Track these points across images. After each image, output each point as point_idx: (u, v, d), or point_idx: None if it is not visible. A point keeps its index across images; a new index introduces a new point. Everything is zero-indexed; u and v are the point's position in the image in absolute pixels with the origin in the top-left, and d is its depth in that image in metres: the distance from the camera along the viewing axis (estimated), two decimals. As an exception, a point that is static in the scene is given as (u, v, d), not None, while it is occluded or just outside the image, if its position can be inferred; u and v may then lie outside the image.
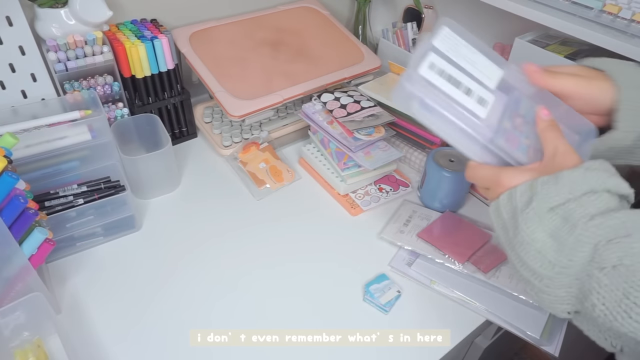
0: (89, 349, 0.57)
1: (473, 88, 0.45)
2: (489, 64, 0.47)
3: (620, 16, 0.68)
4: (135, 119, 0.79)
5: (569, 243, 0.38)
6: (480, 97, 0.45)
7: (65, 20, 0.72)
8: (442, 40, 0.46)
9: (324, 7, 1.03)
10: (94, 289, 0.64)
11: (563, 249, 0.38)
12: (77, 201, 0.68)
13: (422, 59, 0.44)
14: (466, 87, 0.45)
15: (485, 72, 0.46)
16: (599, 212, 0.37)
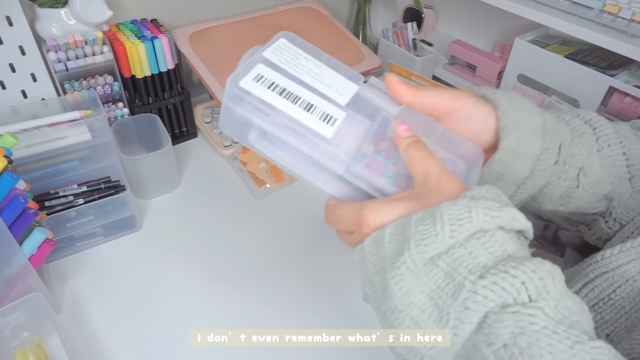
0: (89, 349, 0.57)
1: (316, 103, 0.36)
2: (339, 79, 0.39)
3: (621, 16, 0.68)
4: (135, 119, 0.79)
5: (454, 311, 0.28)
6: (325, 113, 0.36)
7: (65, 20, 0.72)
8: (276, 51, 0.38)
9: (324, 7, 1.03)
10: (94, 289, 0.64)
11: (446, 318, 0.29)
12: (77, 201, 0.68)
13: (246, 72, 0.37)
14: (306, 102, 0.36)
15: (334, 87, 0.38)
16: (492, 263, 0.28)
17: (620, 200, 0.42)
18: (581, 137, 0.41)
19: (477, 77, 1.00)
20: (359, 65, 0.94)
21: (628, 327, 0.39)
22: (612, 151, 0.41)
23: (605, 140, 0.42)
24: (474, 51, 0.99)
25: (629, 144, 0.42)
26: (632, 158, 0.42)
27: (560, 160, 0.40)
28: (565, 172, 0.40)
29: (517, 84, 0.87)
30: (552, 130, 0.40)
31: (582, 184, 0.41)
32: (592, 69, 0.75)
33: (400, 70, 0.97)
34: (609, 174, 0.41)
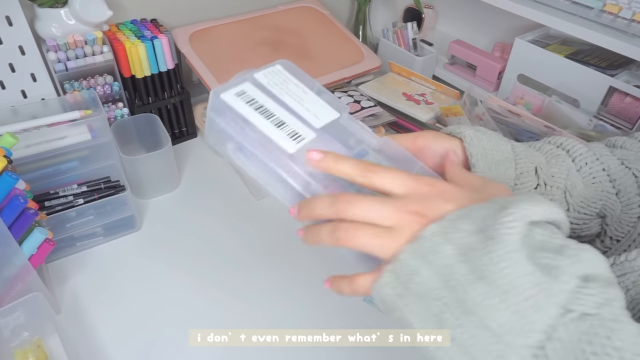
0: (89, 349, 0.57)
1: (288, 121, 0.36)
2: (322, 105, 0.38)
3: (621, 16, 0.68)
4: (135, 119, 0.79)
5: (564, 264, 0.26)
6: (294, 131, 0.36)
7: (65, 20, 0.72)
8: (268, 74, 0.39)
9: (324, 6, 1.03)
10: (94, 289, 0.64)
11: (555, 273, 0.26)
12: (77, 201, 0.68)
13: (231, 87, 0.37)
14: (279, 119, 0.36)
15: (312, 111, 0.38)
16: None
17: (613, 216, 0.41)
18: (556, 158, 0.41)
19: (477, 77, 1.00)
20: (359, 65, 0.94)
21: None
22: (591, 169, 0.41)
23: (582, 159, 0.41)
24: (474, 51, 0.99)
25: (606, 160, 0.42)
26: (613, 174, 0.41)
27: (540, 183, 0.39)
28: (550, 194, 0.40)
29: (517, 84, 0.87)
30: (523, 155, 0.39)
31: (570, 205, 0.40)
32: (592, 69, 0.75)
33: (400, 70, 0.97)
34: (596, 191, 0.41)
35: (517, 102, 0.88)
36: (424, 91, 0.92)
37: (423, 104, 0.88)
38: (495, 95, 0.93)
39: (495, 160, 0.38)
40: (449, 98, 0.90)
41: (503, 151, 0.39)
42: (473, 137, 0.38)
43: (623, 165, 0.42)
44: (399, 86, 0.93)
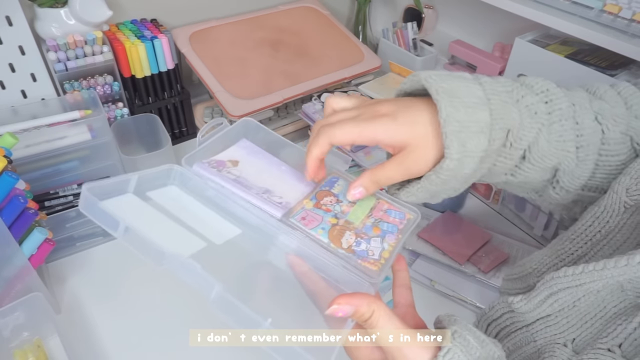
0: (89, 349, 0.57)
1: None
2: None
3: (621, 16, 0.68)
4: (135, 119, 0.79)
5: None
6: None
7: (65, 20, 0.72)
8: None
9: (324, 7, 1.03)
10: (94, 289, 0.64)
11: None
12: (77, 201, 0.68)
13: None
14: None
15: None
16: None
17: (566, 170, 0.42)
18: (532, 118, 0.40)
19: (477, 77, 1.00)
20: (359, 65, 0.94)
21: (593, 333, 0.39)
22: (562, 126, 0.41)
23: (558, 115, 0.41)
24: (474, 51, 0.99)
25: (582, 114, 0.42)
26: (582, 129, 0.42)
27: (507, 144, 0.39)
28: (512, 153, 0.40)
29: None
30: (499, 118, 0.38)
31: (527, 157, 0.41)
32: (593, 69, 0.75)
33: (401, 70, 0.97)
34: (556, 148, 0.41)
35: (517, 102, 0.88)
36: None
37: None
38: (495, 95, 0.92)
39: (470, 133, 0.37)
40: (449, 98, 0.90)
41: (479, 121, 0.37)
42: (449, 113, 0.36)
43: (596, 120, 0.42)
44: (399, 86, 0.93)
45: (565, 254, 0.45)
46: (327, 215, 0.43)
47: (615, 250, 0.42)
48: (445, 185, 0.38)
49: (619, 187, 0.41)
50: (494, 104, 0.38)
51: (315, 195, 0.45)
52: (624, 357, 0.35)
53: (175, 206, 0.44)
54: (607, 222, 0.42)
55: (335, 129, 0.39)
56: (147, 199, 0.43)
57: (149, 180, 0.44)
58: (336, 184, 0.46)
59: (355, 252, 0.41)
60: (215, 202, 0.44)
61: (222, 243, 0.42)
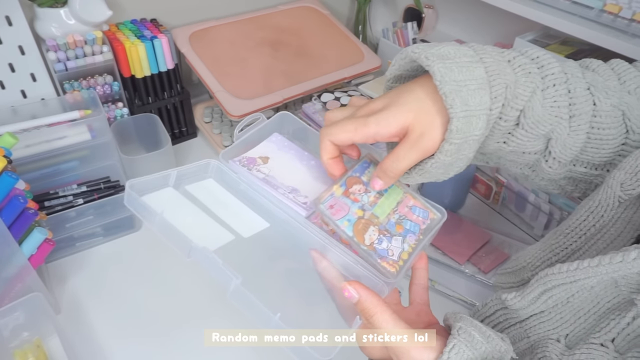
0: (89, 349, 0.57)
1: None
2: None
3: (621, 16, 0.68)
4: (135, 119, 0.79)
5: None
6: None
7: (65, 20, 0.72)
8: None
9: (324, 6, 1.03)
10: (94, 289, 0.64)
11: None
12: (76, 201, 0.68)
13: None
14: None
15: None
16: None
17: (558, 139, 0.42)
18: (527, 77, 0.40)
19: (477, 77, 1.00)
20: (359, 65, 0.94)
21: (586, 328, 0.39)
22: (556, 91, 0.41)
23: (551, 80, 0.41)
24: (474, 51, 0.99)
25: (574, 82, 0.42)
26: (575, 97, 0.41)
27: (505, 104, 0.39)
28: (507, 113, 0.40)
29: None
30: (496, 75, 0.38)
31: (522, 123, 0.40)
32: (593, 69, 0.75)
33: (400, 70, 0.97)
34: (551, 115, 0.41)
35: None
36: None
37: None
38: (495, 95, 0.93)
39: (470, 91, 0.36)
40: (449, 98, 0.90)
41: (477, 78, 0.37)
42: (444, 74, 0.36)
43: (589, 90, 0.42)
44: (399, 86, 0.93)
45: (560, 248, 0.45)
46: (354, 205, 0.44)
47: (609, 245, 0.42)
48: (458, 152, 0.38)
49: (614, 181, 0.41)
50: (487, 61, 0.38)
51: (345, 181, 0.45)
52: (616, 352, 0.36)
53: (210, 199, 0.46)
54: (602, 217, 0.42)
55: (332, 128, 0.40)
56: (185, 193, 0.46)
57: (189, 174, 0.47)
58: (367, 170, 0.46)
59: (376, 249, 0.42)
60: (247, 195, 0.47)
61: (249, 236, 0.44)
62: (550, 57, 0.42)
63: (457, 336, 0.35)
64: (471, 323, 0.36)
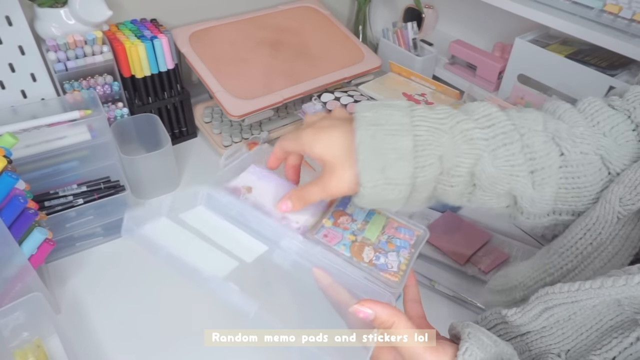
0: (89, 349, 0.57)
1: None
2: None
3: (621, 16, 0.68)
4: (135, 119, 0.79)
5: None
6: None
7: (65, 20, 0.72)
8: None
9: (324, 6, 1.03)
10: (94, 289, 0.64)
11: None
12: (76, 201, 0.68)
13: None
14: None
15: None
16: None
17: (524, 196, 0.41)
18: (467, 143, 0.39)
19: (478, 77, 1.00)
20: (359, 65, 0.94)
21: (588, 345, 0.39)
22: (507, 150, 0.39)
23: (502, 139, 0.39)
24: (474, 51, 0.99)
25: (532, 136, 0.40)
26: (534, 151, 0.40)
27: (444, 172, 0.39)
28: (452, 180, 0.39)
29: (517, 84, 0.87)
30: (426, 146, 0.38)
31: (477, 185, 0.40)
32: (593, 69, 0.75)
33: (401, 70, 0.97)
34: (505, 174, 0.40)
35: (517, 102, 0.88)
36: (424, 91, 0.92)
37: (423, 104, 0.88)
38: (496, 95, 0.93)
39: (388, 161, 0.38)
40: (449, 98, 0.90)
41: (399, 149, 0.38)
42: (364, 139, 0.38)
43: (553, 141, 0.41)
44: (399, 86, 0.93)
45: (554, 268, 0.43)
46: (345, 232, 0.47)
47: (607, 264, 0.41)
48: (378, 204, 0.40)
49: (612, 196, 0.40)
50: (420, 131, 0.38)
51: (332, 214, 0.49)
52: None
53: (205, 226, 0.47)
54: (600, 234, 0.41)
55: (287, 134, 0.44)
56: (180, 221, 0.47)
57: (180, 203, 0.48)
58: (348, 204, 0.50)
59: (376, 265, 0.45)
60: (240, 220, 0.48)
61: (252, 260, 0.45)
62: (501, 115, 0.41)
63: (469, 340, 0.35)
64: (478, 329, 0.37)
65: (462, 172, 0.39)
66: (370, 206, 0.41)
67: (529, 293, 0.45)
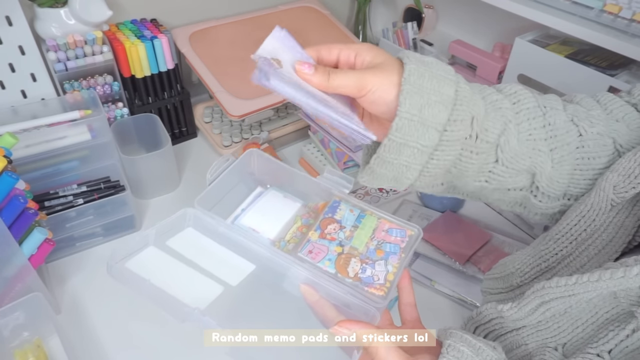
0: (89, 349, 0.57)
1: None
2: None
3: (621, 16, 0.68)
4: (135, 119, 0.79)
5: None
6: None
7: (65, 20, 0.72)
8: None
9: (324, 6, 1.03)
10: (94, 289, 0.64)
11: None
12: (76, 201, 0.68)
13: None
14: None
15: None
16: None
17: (543, 173, 0.41)
18: (497, 111, 0.40)
19: (478, 77, 1.00)
20: (359, 65, 0.94)
21: (584, 338, 0.39)
22: (530, 125, 0.41)
23: (526, 115, 0.41)
24: (474, 51, 0.99)
25: (554, 114, 0.42)
26: (556, 129, 0.41)
27: (472, 135, 0.39)
28: (478, 146, 0.39)
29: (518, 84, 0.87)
30: (465, 101, 0.38)
31: (500, 159, 0.40)
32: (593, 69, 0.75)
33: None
34: (527, 148, 0.41)
35: (517, 102, 0.88)
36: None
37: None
38: (495, 95, 0.93)
39: (429, 102, 0.37)
40: (449, 98, 0.90)
41: (442, 93, 0.37)
42: (413, 73, 0.37)
43: (572, 122, 0.42)
44: (399, 86, 0.93)
45: (549, 254, 0.44)
46: (332, 244, 0.46)
47: (601, 250, 0.41)
48: (399, 155, 0.38)
49: (606, 184, 0.40)
50: (462, 87, 0.39)
51: (319, 224, 0.48)
52: None
53: (192, 250, 0.47)
54: (593, 221, 0.41)
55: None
56: (167, 249, 0.47)
57: (167, 228, 0.48)
58: (338, 208, 0.49)
59: (361, 279, 0.44)
60: (228, 237, 0.47)
61: (237, 284, 0.45)
62: (527, 92, 0.42)
63: (446, 354, 0.35)
64: (460, 338, 0.36)
65: (490, 137, 0.39)
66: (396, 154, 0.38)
67: (525, 279, 0.46)
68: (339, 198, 0.51)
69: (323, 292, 0.43)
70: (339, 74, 0.38)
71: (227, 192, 0.54)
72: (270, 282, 0.48)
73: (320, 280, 0.43)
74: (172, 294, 0.42)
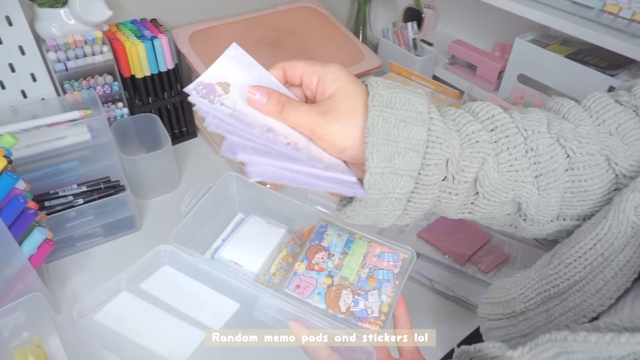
0: (89, 349, 0.57)
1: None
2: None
3: (621, 16, 0.68)
4: (135, 119, 0.79)
5: None
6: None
7: (65, 20, 0.72)
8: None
9: (324, 6, 1.03)
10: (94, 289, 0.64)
11: None
12: (76, 201, 0.68)
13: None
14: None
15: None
16: None
17: (529, 202, 0.39)
18: (473, 147, 0.37)
19: (477, 77, 1.00)
20: (359, 65, 0.94)
21: None
22: (511, 155, 0.38)
23: (505, 143, 0.38)
24: (474, 51, 0.99)
25: (536, 138, 0.38)
26: (539, 155, 0.38)
27: (448, 177, 0.37)
28: (456, 187, 0.37)
29: (517, 84, 0.87)
30: (437, 143, 0.35)
31: (481, 192, 0.38)
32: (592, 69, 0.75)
33: (401, 70, 0.97)
34: (509, 180, 0.38)
35: (517, 102, 0.88)
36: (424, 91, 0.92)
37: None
38: (496, 95, 0.93)
39: (398, 150, 0.34)
40: (449, 98, 0.90)
41: (411, 139, 0.34)
42: (377, 121, 0.34)
43: (557, 143, 0.39)
44: (399, 86, 0.93)
45: (560, 279, 0.40)
46: (320, 275, 0.43)
47: (617, 273, 0.38)
48: (377, 207, 0.36)
49: (627, 205, 0.37)
50: (435, 125, 0.36)
51: (305, 254, 0.44)
52: None
53: (169, 292, 0.43)
54: (612, 245, 0.37)
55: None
56: (142, 293, 0.43)
57: (141, 270, 0.44)
58: (325, 234, 0.46)
59: (354, 314, 0.41)
60: (209, 273, 0.44)
61: (221, 326, 0.42)
62: (504, 116, 0.39)
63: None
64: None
65: (468, 177, 0.37)
66: (373, 208, 0.36)
67: (530, 305, 0.42)
68: (325, 222, 0.48)
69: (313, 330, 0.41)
70: (293, 111, 0.35)
71: (205, 222, 0.50)
72: (256, 321, 0.45)
73: (310, 317, 0.41)
74: (149, 347, 0.38)
